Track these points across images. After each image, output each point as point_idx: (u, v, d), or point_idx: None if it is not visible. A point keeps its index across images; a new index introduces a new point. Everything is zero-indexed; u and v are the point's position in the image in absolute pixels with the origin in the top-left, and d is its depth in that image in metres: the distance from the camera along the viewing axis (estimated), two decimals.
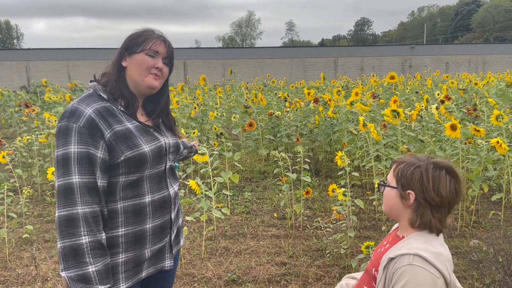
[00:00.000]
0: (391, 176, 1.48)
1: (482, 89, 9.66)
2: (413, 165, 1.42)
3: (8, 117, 10.64)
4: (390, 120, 4.62)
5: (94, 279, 1.38)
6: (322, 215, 4.68)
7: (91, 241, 1.39)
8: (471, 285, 3.14)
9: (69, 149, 1.41)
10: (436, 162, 1.42)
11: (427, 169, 1.39)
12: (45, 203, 5.29)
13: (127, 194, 1.52)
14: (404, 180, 1.42)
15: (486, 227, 4.26)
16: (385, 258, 1.38)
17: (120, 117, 1.52)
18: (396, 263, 1.32)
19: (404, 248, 1.35)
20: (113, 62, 1.61)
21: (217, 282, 3.26)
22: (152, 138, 1.58)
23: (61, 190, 1.40)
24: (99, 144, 1.44)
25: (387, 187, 1.48)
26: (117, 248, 1.52)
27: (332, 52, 40.31)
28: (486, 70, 33.74)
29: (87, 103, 1.49)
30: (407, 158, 1.47)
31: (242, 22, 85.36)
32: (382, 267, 1.37)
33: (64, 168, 1.41)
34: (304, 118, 7.39)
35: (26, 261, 3.69)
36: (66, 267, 1.38)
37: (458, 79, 15.73)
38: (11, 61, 35.39)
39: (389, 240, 1.50)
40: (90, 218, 1.40)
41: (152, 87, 1.59)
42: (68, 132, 1.42)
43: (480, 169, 4.05)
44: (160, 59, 1.59)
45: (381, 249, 1.49)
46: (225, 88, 15.56)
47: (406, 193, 1.41)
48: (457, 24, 74.69)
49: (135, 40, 1.58)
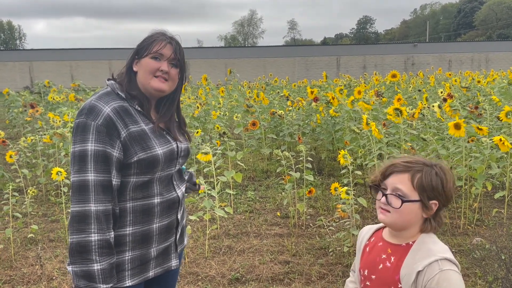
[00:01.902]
0: (409, 188, 1.31)
1: (485, 86, 9.63)
2: (430, 173, 1.32)
3: (12, 117, 10.69)
4: (393, 118, 4.62)
5: (97, 277, 1.40)
6: (325, 213, 4.69)
7: (99, 240, 1.41)
8: (474, 282, 3.15)
9: (86, 146, 1.43)
10: (441, 166, 1.36)
11: (444, 175, 1.34)
12: (50, 203, 5.32)
13: (137, 194, 1.54)
14: (430, 192, 1.31)
15: (489, 225, 4.27)
16: (410, 272, 1.28)
17: (136, 118, 1.54)
18: (426, 274, 1.26)
19: (427, 255, 1.29)
20: (125, 65, 1.62)
21: (221, 281, 3.28)
22: (165, 141, 1.59)
23: (76, 186, 1.43)
24: (116, 143, 1.46)
25: (407, 202, 1.31)
26: (124, 247, 1.54)
27: (335, 51, 40.27)
28: (489, 68, 33.60)
29: (106, 101, 1.50)
30: (410, 163, 1.34)
31: (244, 21, 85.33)
32: (410, 283, 1.27)
33: (80, 165, 1.43)
34: (307, 117, 7.40)
35: (31, 261, 3.72)
36: (73, 261, 1.41)
37: (461, 77, 15.69)
38: (14, 62, 35.53)
39: (389, 252, 1.38)
40: (102, 217, 1.43)
41: (159, 90, 1.58)
42: (86, 130, 1.44)
43: (484, 167, 4.05)
44: (166, 61, 1.58)
45: (386, 264, 1.37)
46: (228, 88, 15.57)
47: (431, 204, 1.32)
48: (460, 22, 74.44)
49: (143, 44, 1.59)
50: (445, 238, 3.95)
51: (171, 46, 1.58)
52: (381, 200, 1.35)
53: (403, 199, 1.31)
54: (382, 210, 1.36)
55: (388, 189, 1.35)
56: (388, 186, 1.35)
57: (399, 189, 1.32)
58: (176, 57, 1.60)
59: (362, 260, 1.47)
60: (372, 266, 1.41)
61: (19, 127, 10.46)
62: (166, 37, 1.59)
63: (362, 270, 1.45)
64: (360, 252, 1.50)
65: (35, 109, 7.42)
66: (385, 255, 1.39)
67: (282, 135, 6.78)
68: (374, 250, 1.44)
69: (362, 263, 1.46)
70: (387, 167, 1.36)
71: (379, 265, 1.38)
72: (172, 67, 1.60)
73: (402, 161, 1.35)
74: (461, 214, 4.35)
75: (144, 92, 1.59)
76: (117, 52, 33.96)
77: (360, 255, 1.49)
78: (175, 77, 1.62)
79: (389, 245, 1.40)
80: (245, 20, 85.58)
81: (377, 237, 1.47)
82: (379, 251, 1.42)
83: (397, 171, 1.34)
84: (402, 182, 1.32)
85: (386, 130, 4.82)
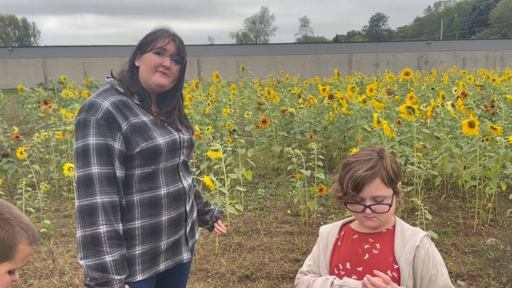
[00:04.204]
0: (385, 189, 1.36)
1: (500, 85, 9.48)
2: (387, 164, 1.37)
3: (26, 113, 10.83)
4: (405, 117, 4.57)
5: (110, 268, 1.41)
6: (336, 212, 4.66)
7: (108, 231, 1.43)
8: (488, 283, 3.10)
9: (88, 140, 1.45)
10: (381, 149, 1.42)
11: (390, 155, 1.41)
12: (62, 198, 5.37)
13: (143, 186, 1.55)
14: (396, 179, 1.39)
15: (503, 225, 4.20)
16: (407, 250, 1.36)
17: (135, 110, 1.56)
18: (422, 248, 1.36)
19: (415, 232, 1.40)
20: (128, 61, 1.65)
21: (231, 278, 3.28)
22: (166, 131, 1.61)
23: (81, 180, 1.44)
24: (117, 135, 1.48)
25: (388, 202, 1.38)
26: (134, 240, 1.54)
27: (347, 48, 40.05)
28: (504, 66, 33.09)
29: (104, 96, 1.53)
30: (371, 168, 1.35)
31: (256, 19, 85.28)
32: (411, 258, 1.35)
33: (83, 160, 1.45)
34: (318, 115, 7.36)
35: (44, 255, 3.76)
36: (85, 255, 1.42)
37: (475, 75, 15.47)
38: (28, 59, 36.02)
39: (371, 241, 1.42)
40: (109, 208, 1.44)
41: (160, 85, 1.60)
42: (86, 125, 1.46)
43: (498, 166, 3.98)
44: (168, 57, 1.60)
45: (373, 252, 1.40)
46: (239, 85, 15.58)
47: (398, 188, 1.42)
48: (475, 19, 73.35)
49: (146, 39, 1.62)
50: (458, 239, 3.90)
51: (174, 43, 1.61)
52: (365, 212, 1.37)
53: (388, 204, 1.37)
54: (368, 218, 1.39)
55: (367, 200, 1.37)
56: (366, 197, 1.37)
57: (378, 196, 1.36)
58: (179, 53, 1.62)
59: (335, 255, 1.47)
60: (355, 259, 1.42)
61: (33, 123, 10.60)
62: (169, 34, 1.62)
63: (340, 265, 1.44)
64: (329, 249, 1.49)
65: (48, 105, 7.50)
66: (367, 245, 1.42)
67: (293, 132, 6.75)
68: (350, 244, 1.46)
69: (337, 259, 1.46)
70: (356, 183, 1.35)
71: (363, 256, 1.41)
72: (173, 63, 1.62)
73: (364, 170, 1.35)
74: (475, 214, 4.29)
75: (145, 87, 1.62)
76: (130, 49, 33.87)
77: (330, 252, 1.48)
78: (176, 73, 1.64)
79: (367, 235, 1.44)
80: (256, 17, 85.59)
81: (347, 231, 1.50)
82: (358, 243, 1.44)
83: (368, 181, 1.35)
84: (378, 188, 1.36)
85: (399, 128, 4.77)
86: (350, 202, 1.40)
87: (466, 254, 3.60)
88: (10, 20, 78.35)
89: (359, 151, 1.45)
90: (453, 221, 4.32)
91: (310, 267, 1.53)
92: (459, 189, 5.10)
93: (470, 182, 4.12)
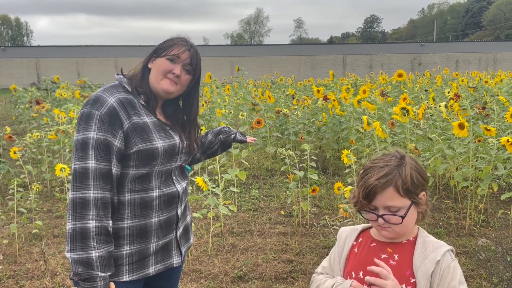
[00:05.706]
0: (399, 199, 1.28)
1: (493, 87, 9.56)
2: (406, 173, 1.28)
3: (19, 113, 10.75)
4: (399, 118, 4.59)
5: (96, 264, 1.41)
6: (329, 212, 4.67)
7: (97, 226, 1.42)
8: (479, 284, 3.12)
9: (88, 134, 1.46)
10: (404, 155, 1.33)
11: (414, 163, 1.32)
12: (54, 199, 5.34)
13: (135, 187, 1.55)
14: (416, 189, 1.29)
15: (494, 226, 4.23)
16: (427, 263, 1.28)
17: (139, 110, 1.57)
18: (442, 263, 1.28)
19: (438, 246, 1.32)
20: (142, 62, 1.66)
21: (224, 279, 3.28)
22: (167, 135, 1.61)
23: (77, 173, 1.44)
24: (118, 133, 1.49)
25: (401, 214, 1.29)
26: (122, 240, 1.54)
27: (341, 50, 40.16)
28: (496, 68, 33.35)
29: (111, 92, 1.54)
30: (385, 175, 1.28)
31: (251, 19, 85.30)
32: (429, 273, 1.27)
33: (82, 152, 1.45)
34: (312, 116, 7.37)
35: (36, 256, 3.74)
36: (72, 248, 1.42)
37: (468, 77, 15.57)
38: (21, 58, 35.76)
39: (390, 251, 1.35)
40: (100, 204, 1.44)
41: (166, 91, 1.60)
42: (89, 118, 1.47)
43: (490, 167, 4.01)
44: (180, 65, 1.60)
45: (390, 263, 1.32)
46: (233, 86, 15.57)
47: (419, 198, 1.31)
48: (468, 22, 73.91)
49: (163, 44, 1.62)
50: (450, 239, 3.92)
51: (189, 52, 1.61)
52: (378, 221, 1.31)
53: (401, 216, 1.28)
54: (382, 228, 1.32)
55: (380, 209, 1.30)
56: (379, 206, 1.30)
57: (392, 206, 1.28)
58: (191, 64, 1.62)
59: (350, 262, 1.41)
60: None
61: (25, 123, 10.52)
62: (187, 43, 1.62)
63: (353, 273, 1.38)
64: (344, 254, 1.43)
65: (40, 105, 7.45)
66: (385, 254, 1.35)
67: (287, 133, 6.76)
68: (367, 252, 1.39)
69: (351, 266, 1.40)
70: (367, 192, 1.29)
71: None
72: (184, 73, 1.62)
73: (375, 178, 1.28)
74: (467, 215, 4.32)
75: (153, 90, 1.62)
76: (123, 49, 34.10)
77: (345, 257, 1.42)
78: (185, 82, 1.64)
79: (386, 244, 1.36)
80: (251, 18, 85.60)
81: (366, 237, 1.42)
82: (375, 251, 1.37)
83: (379, 191, 1.28)
84: (390, 198, 1.28)
85: (392, 129, 4.79)
86: (364, 210, 1.33)
87: (458, 254, 3.62)
88: (3, 19, 77.79)
89: (380, 155, 1.36)
90: (445, 222, 4.35)
91: (324, 269, 1.49)
92: (451, 190, 5.14)
93: (462, 183, 4.15)
